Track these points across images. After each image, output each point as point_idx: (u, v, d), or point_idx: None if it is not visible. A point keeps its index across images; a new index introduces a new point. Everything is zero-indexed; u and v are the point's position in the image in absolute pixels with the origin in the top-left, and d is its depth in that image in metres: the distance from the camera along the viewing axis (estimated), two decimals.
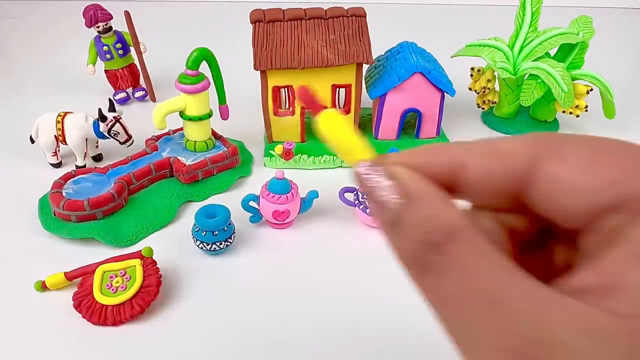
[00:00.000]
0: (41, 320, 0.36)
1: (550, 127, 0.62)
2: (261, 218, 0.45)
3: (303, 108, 0.53)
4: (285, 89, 0.52)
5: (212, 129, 0.52)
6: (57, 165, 0.53)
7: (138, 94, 0.68)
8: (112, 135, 0.51)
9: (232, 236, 0.41)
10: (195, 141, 0.51)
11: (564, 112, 0.58)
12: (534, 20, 0.58)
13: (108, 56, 0.65)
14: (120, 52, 0.65)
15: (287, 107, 0.54)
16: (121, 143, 0.51)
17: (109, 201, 0.43)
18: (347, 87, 0.52)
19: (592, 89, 0.58)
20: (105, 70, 0.66)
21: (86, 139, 0.51)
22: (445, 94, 0.53)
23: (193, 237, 0.41)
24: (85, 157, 0.52)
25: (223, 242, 0.41)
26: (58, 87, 0.72)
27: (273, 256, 0.42)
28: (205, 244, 0.40)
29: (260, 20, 0.51)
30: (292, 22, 0.51)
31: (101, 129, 0.50)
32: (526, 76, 0.59)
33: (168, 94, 0.56)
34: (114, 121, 0.50)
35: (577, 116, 0.59)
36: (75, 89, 0.71)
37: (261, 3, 0.59)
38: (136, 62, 0.67)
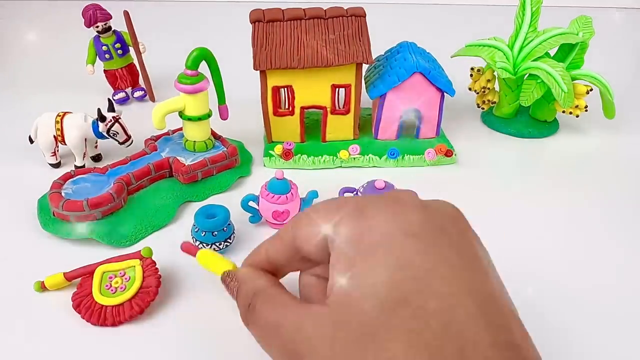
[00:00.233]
0: (40, 320, 0.36)
1: (550, 127, 0.62)
2: (261, 218, 0.45)
3: (303, 108, 0.53)
4: (285, 89, 0.52)
5: (211, 129, 0.52)
6: (56, 166, 0.53)
7: (137, 94, 0.68)
8: (111, 135, 0.50)
9: (232, 236, 0.41)
10: (194, 141, 0.51)
11: (563, 112, 0.58)
12: (534, 20, 0.58)
13: (107, 56, 0.65)
14: (119, 52, 0.65)
15: (286, 107, 0.54)
16: (120, 143, 0.51)
17: (108, 201, 0.43)
18: (347, 87, 0.52)
19: (592, 89, 0.58)
20: (104, 70, 0.66)
21: (85, 139, 0.51)
22: (445, 94, 0.53)
23: (192, 237, 0.41)
24: (84, 157, 0.52)
25: (223, 243, 0.40)
26: (57, 87, 0.72)
27: None
28: (204, 244, 0.40)
29: (259, 20, 0.51)
30: (292, 22, 0.51)
31: (100, 129, 0.50)
32: (526, 76, 0.59)
33: (167, 94, 0.56)
34: (113, 121, 0.50)
35: (577, 116, 0.59)
36: (74, 89, 0.71)
37: (261, 3, 0.59)
38: (135, 62, 0.67)
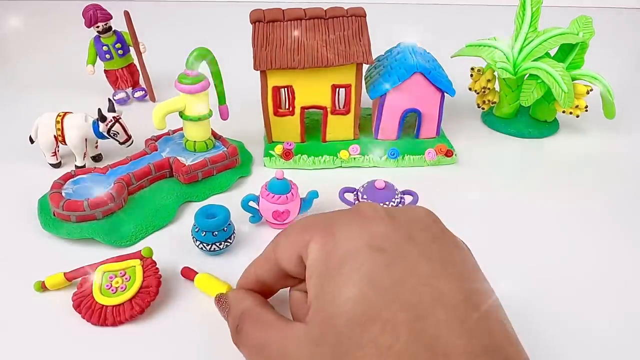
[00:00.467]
0: (40, 320, 0.36)
1: (550, 127, 0.62)
2: (261, 218, 0.45)
3: (303, 108, 0.53)
4: (285, 89, 0.52)
5: (211, 129, 0.52)
6: (57, 166, 0.53)
7: (137, 94, 0.68)
8: (112, 135, 0.51)
9: (232, 236, 0.41)
10: (195, 141, 0.51)
11: (564, 112, 0.58)
12: (534, 20, 0.58)
13: (107, 56, 0.65)
14: (119, 52, 0.65)
15: (287, 107, 0.54)
16: (121, 143, 0.51)
17: (108, 201, 0.43)
18: (347, 87, 0.52)
19: (592, 89, 0.58)
20: (104, 70, 0.66)
21: (86, 139, 0.51)
22: (445, 94, 0.53)
23: (193, 237, 0.41)
24: (84, 157, 0.52)
25: (223, 243, 0.41)
26: (58, 87, 0.72)
27: None
28: (205, 244, 0.40)
29: (260, 20, 0.51)
30: (292, 22, 0.51)
31: (101, 129, 0.50)
32: (526, 76, 0.59)
33: (168, 94, 0.56)
34: (113, 121, 0.50)
35: (577, 116, 0.59)
36: (74, 89, 0.71)
37: (261, 3, 0.59)
38: (136, 62, 0.67)
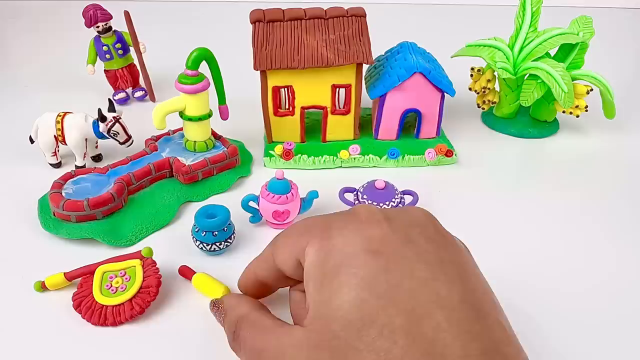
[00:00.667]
0: (41, 320, 0.36)
1: (550, 127, 0.62)
2: (261, 218, 0.45)
3: (303, 108, 0.53)
4: (285, 89, 0.52)
5: (212, 129, 0.52)
6: (57, 166, 0.53)
7: (138, 94, 0.68)
8: (112, 135, 0.51)
9: (232, 236, 0.41)
10: (195, 141, 0.51)
11: (564, 112, 0.59)
12: (534, 20, 0.58)
13: (108, 56, 0.65)
14: (119, 52, 0.65)
15: (287, 107, 0.54)
16: (121, 143, 0.51)
17: (108, 201, 0.43)
18: (347, 87, 0.52)
19: (592, 89, 0.58)
20: (104, 70, 0.66)
21: (86, 139, 0.51)
22: (445, 94, 0.53)
23: (193, 237, 0.41)
24: (84, 157, 0.52)
25: (223, 243, 0.41)
26: (58, 87, 0.72)
27: None
28: (205, 244, 0.40)
29: (260, 20, 0.51)
30: (292, 22, 0.51)
31: (101, 129, 0.50)
32: (526, 76, 0.59)
33: (168, 94, 0.56)
34: (113, 121, 0.50)
35: (577, 116, 0.59)
36: (74, 89, 0.71)
37: (261, 3, 0.59)
38: (136, 62, 0.67)
